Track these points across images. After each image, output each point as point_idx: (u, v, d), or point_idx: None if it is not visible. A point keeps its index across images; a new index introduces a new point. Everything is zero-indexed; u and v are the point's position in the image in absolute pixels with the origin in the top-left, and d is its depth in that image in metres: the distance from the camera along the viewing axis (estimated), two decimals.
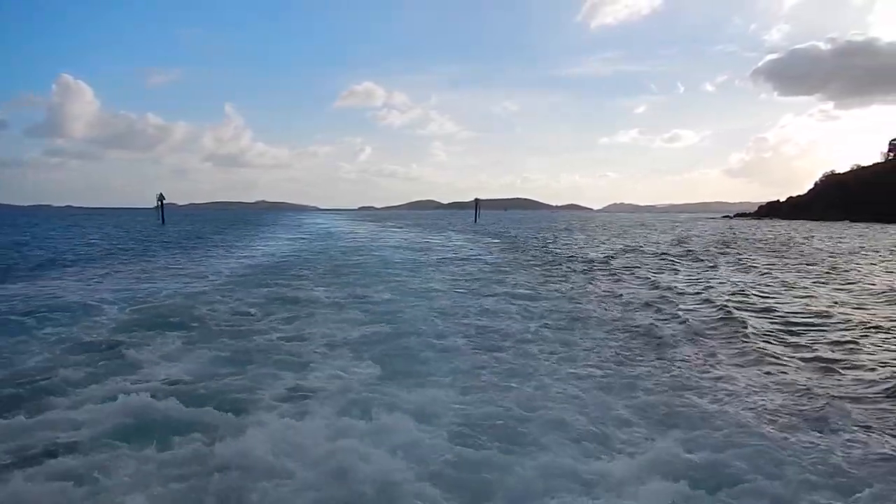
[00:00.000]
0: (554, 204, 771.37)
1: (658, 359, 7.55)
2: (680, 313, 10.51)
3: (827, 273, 17.93)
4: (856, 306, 11.72)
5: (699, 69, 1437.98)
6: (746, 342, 8.33)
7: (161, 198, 55.70)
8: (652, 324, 9.61)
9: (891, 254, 25.81)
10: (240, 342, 8.13)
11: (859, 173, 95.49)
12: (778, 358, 7.55)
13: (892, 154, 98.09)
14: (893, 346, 8.21)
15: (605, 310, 11.06)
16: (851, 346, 8.20)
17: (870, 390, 6.31)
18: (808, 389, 6.25)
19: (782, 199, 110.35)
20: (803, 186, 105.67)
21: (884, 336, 8.85)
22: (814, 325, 9.73)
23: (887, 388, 6.25)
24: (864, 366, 7.26)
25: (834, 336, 8.84)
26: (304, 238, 37.08)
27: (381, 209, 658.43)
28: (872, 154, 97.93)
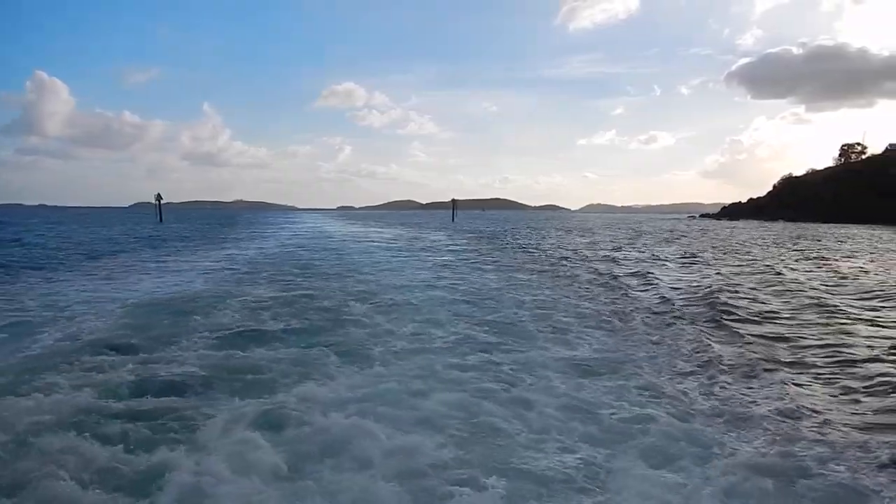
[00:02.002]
0: (532, 205, 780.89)
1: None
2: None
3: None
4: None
5: (675, 72, 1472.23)
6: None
7: (159, 197, 59.07)
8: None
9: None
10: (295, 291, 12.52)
11: (811, 176, 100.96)
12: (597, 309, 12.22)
13: (842, 158, 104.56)
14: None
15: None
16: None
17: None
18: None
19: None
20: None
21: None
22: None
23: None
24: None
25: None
26: (303, 235, 41.13)
27: (360, 209, 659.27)
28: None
